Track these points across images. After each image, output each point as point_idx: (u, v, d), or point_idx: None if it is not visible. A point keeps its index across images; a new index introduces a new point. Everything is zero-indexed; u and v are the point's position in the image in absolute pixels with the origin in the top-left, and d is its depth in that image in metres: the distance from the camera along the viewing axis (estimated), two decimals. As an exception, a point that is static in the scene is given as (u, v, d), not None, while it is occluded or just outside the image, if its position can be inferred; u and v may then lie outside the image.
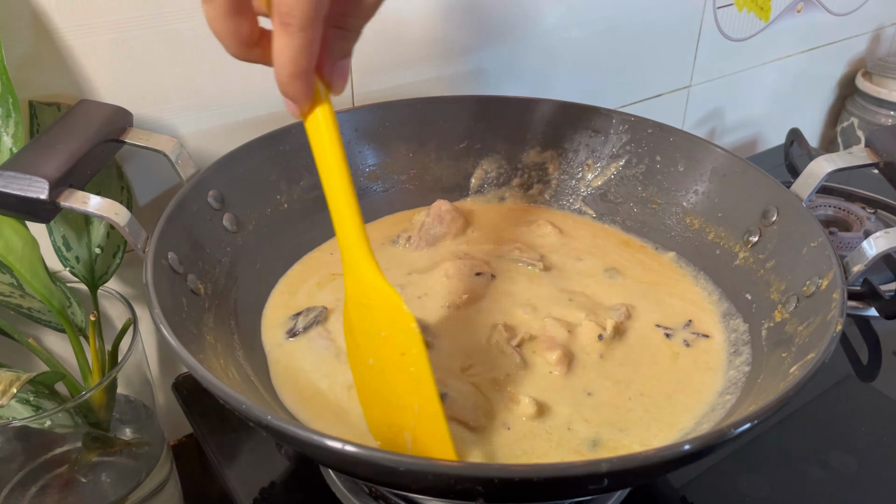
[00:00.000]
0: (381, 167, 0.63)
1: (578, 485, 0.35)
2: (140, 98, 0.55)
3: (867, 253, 0.46)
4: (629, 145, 0.62)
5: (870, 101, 1.08)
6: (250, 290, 0.53)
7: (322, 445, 0.33)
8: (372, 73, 0.66)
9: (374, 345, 0.42)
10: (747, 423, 0.34)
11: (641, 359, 0.50)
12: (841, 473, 0.54)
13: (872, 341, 0.67)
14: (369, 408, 0.44)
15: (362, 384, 0.45)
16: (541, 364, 0.48)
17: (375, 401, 0.44)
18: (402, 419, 0.42)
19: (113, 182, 0.54)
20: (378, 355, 0.42)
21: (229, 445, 0.55)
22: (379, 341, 0.42)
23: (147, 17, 0.53)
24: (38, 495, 0.51)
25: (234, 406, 0.35)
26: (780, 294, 0.50)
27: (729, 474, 0.53)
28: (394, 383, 0.41)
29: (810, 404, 0.59)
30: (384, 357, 0.42)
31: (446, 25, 0.68)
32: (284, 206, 0.58)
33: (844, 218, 0.80)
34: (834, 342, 0.40)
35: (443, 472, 0.32)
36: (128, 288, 0.60)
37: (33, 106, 0.50)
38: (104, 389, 0.50)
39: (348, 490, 0.50)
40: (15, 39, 0.48)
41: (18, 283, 0.50)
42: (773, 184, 0.53)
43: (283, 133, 0.57)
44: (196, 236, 0.50)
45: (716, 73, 0.95)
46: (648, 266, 0.59)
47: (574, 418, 0.45)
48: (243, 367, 0.47)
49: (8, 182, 0.42)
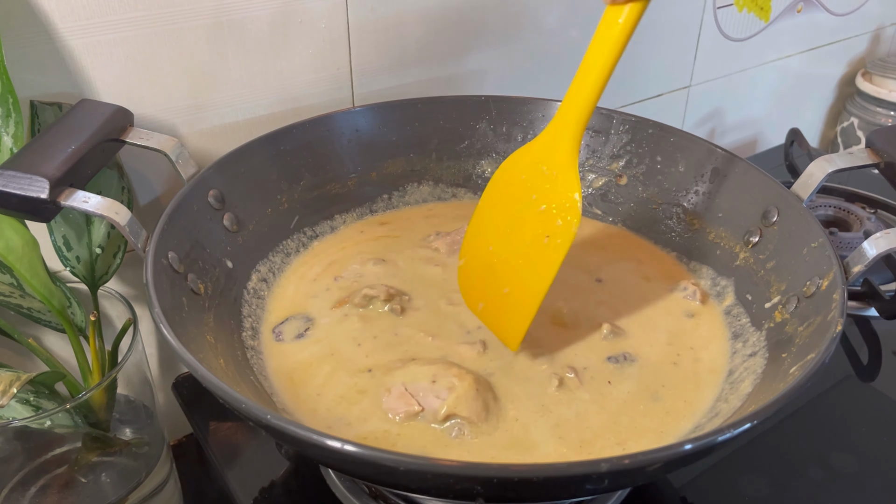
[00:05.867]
0: (381, 167, 0.63)
1: (578, 485, 0.35)
2: (140, 98, 0.55)
3: (867, 253, 0.46)
4: (630, 145, 0.62)
5: (870, 101, 1.08)
6: (250, 289, 0.53)
7: (322, 445, 0.33)
8: (372, 73, 0.66)
9: (524, 211, 0.44)
10: (747, 424, 0.34)
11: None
12: (841, 473, 0.54)
13: (872, 341, 0.67)
14: (466, 267, 0.47)
15: (476, 238, 0.47)
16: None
17: (476, 264, 0.47)
18: (495, 287, 0.44)
19: (113, 181, 0.54)
20: (519, 223, 0.44)
21: (229, 445, 0.55)
22: (531, 211, 0.43)
23: (147, 17, 0.53)
24: (38, 495, 0.51)
25: (234, 406, 0.35)
26: (780, 294, 0.50)
27: (729, 474, 0.53)
28: (516, 253, 0.43)
29: (810, 404, 0.59)
30: (526, 227, 0.44)
31: (446, 26, 0.68)
32: (285, 205, 0.58)
33: (844, 218, 0.80)
34: (834, 343, 0.40)
35: (442, 472, 0.32)
36: (128, 288, 0.60)
37: (34, 106, 0.50)
38: (104, 389, 0.50)
39: (348, 490, 0.50)
40: (15, 39, 0.48)
41: (18, 283, 0.50)
42: (774, 184, 0.53)
43: (284, 133, 0.57)
44: (196, 236, 0.50)
45: (716, 73, 0.95)
46: (648, 266, 0.59)
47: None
48: (243, 367, 0.47)
49: (8, 181, 0.42)
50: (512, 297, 0.45)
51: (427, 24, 0.67)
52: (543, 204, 0.43)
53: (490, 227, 0.47)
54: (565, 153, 0.43)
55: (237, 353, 0.48)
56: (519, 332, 0.45)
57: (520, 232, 0.44)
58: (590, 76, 0.41)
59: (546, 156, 0.44)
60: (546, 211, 0.43)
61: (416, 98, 0.64)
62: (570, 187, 0.43)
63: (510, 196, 0.46)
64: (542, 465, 0.33)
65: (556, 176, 0.43)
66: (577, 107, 0.43)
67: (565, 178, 0.43)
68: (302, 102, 0.63)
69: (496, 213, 0.47)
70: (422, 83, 0.69)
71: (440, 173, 0.65)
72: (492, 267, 0.46)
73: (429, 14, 0.67)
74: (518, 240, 0.44)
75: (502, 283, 0.45)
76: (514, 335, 0.45)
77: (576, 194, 0.42)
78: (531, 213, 0.44)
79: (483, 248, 0.47)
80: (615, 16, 0.39)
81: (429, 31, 0.67)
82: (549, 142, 0.45)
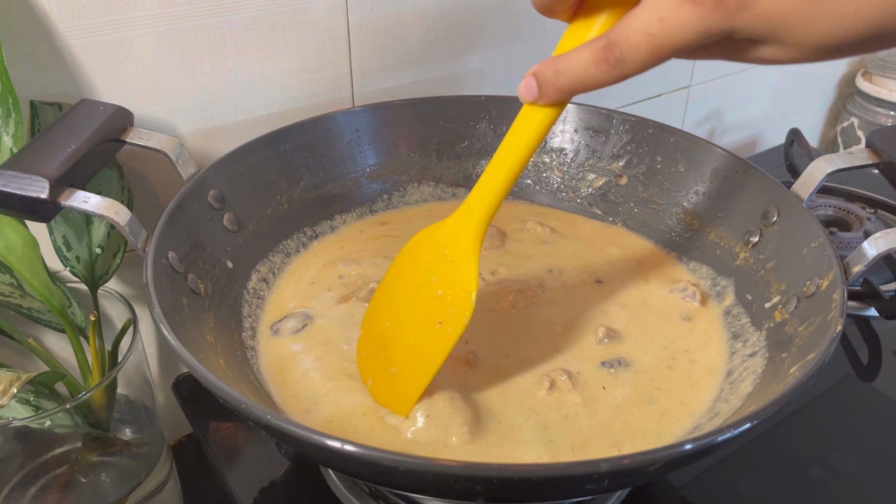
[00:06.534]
0: (381, 167, 0.63)
1: (578, 485, 0.35)
2: (140, 98, 0.55)
3: (867, 253, 0.46)
4: (630, 145, 0.62)
5: (870, 101, 1.08)
6: (250, 290, 0.53)
7: (322, 445, 0.33)
8: (372, 73, 0.66)
9: (421, 292, 0.43)
10: (747, 424, 0.34)
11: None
12: (841, 473, 0.54)
13: (872, 341, 0.67)
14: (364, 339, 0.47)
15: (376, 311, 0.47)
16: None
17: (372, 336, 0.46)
18: (384, 365, 0.43)
19: (113, 181, 0.54)
20: (415, 303, 0.43)
21: (229, 445, 0.55)
22: (428, 293, 0.43)
23: (147, 17, 0.53)
24: (38, 495, 0.51)
25: (234, 406, 0.35)
26: (780, 294, 0.50)
27: (729, 474, 0.53)
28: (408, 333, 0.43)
29: (810, 404, 0.59)
30: (419, 309, 0.43)
31: (446, 26, 0.68)
32: (285, 205, 0.58)
33: (844, 218, 0.80)
34: (834, 343, 0.40)
35: (442, 472, 0.32)
36: (128, 288, 0.60)
37: (34, 105, 0.50)
38: (104, 389, 0.50)
39: (348, 490, 0.50)
40: (15, 39, 0.48)
41: (18, 283, 0.50)
42: (774, 184, 0.53)
43: (284, 133, 0.57)
44: (196, 236, 0.50)
45: (716, 73, 0.95)
46: (648, 267, 0.59)
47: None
48: (243, 367, 0.47)
49: (8, 181, 0.42)
50: (399, 377, 0.43)
51: (427, 24, 0.67)
52: (440, 289, 0.42)
53: (389, 302, 0.46)
54: (468, 243, 0.42)
55: (237, 353, 0.48)
56: (405, 405, 0.43)
57: (414, 312, 0.43)
58: (501, 170, 0.40)
59: (449, 241, 0.43)
60: (442, 297, 0.42)
61: (416, 98, 0.64)
62: (467, 279, 0.41)
63: (413, 272, 0.45)
64: (543, 465, 0.33)
65: (457, 263, 0.42)
66: (485, 200, 0.42)
67: (465, 269, 0.42)
68: (302, 102, 0.63)
69: (397, 288, 0.46)
70: (422, 83, 0.69)
71: (440, 173, 0.65)
72: (385, 342, 0.44)
73: (429, 14, 0.67)
74: (412, 320, 0.43)
75: (392, 361, 0.44)
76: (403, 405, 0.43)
77: (472, 291, 0.41)
78: (428, 295, 0.43)
79: (380, 321, 0.46)
80: (531, 113, 0.38)
81: (429, 31, 0.67)
82: (454, 227, 0.43)
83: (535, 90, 0.37)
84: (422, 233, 0.45)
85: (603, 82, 0.34)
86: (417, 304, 0.43)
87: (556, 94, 0.36)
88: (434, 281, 0.43)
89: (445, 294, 0.42)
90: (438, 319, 0.41)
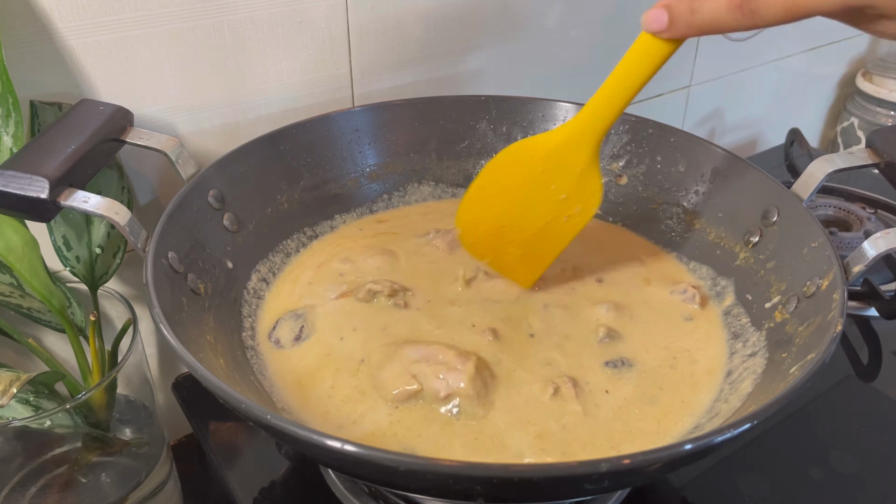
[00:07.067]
0: (381, 167, 0.63)
1: (578, 485, 0.35)
2: (140, 98, 0.55)
3: (867, 253, 0.46)
4: (630, 145, 0.62)
5: (870, 101, 1.08)
6: (250, 290, 0.53)
7: (322, 445, 0.33)
8: (372, 73, 0.66)
9: (542, 195, 0.50)
10: (747, 424, 0.34)
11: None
12: (841, 473, 0.54)
13: (872, 341, 0.67)
14: (470, 230, 0.55)
15: (475, 210, 0.54)
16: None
17: (481, 230, 0.54)
18: (504, 249, 0.53)
19: (113, 181, 0.54)
20: (537, 206, 0.51)
21: (229, 445, 0.55)
22: (552, 198, 0.50)
23: (147, 17, 0.53)
24: (38, 495, 0.51)
25: (234, 406, 0.35)
26: (780, 294, 0.50)
27: (729, 474, 0.53)
28: (532, 226, 0.51)
29: (810, 404, 0.59)
30: (542, 209, 0.50)
31: (446, 26, 0.68)
32: (285, 205, 0.58)
33: (845, 218, 0.80)
34: (834, 343, 0.40)
35: (442, 472, 0.32)
36: (128, 288, 0.60)
37: (34, 106, 0.50)
38: (104, 389, 0.50)
39: (348, 490, 0.50)
40: (15, 39, 0.48)
41: (18, 283, 0.50)
42: (774, 184, 0.53)
43: (284, 133, 0.57)
44: (196, 236, 0.50)
45: (716, 73, 0.95)
46: (648, 267, 0.59)
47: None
48: (243, 367, 0.47)
49: (8, 181, 0.42)
50: (527, 258, 0.53)
51: (427, 24, 0.67)
52: (564, 194, 0.49)
53: (499, 205, 0.52)
54: (588, 156, 0.48)
55: (237, 353, 0.48)
56: (533, 275, 0.53)
57: (537, 212, 0.51)
58: (617, 93, 0.45)
59: (568, 153, 0.49)
60: (567, 199, 0.50)
61: (416, 98, 0.64)
62: (594, 183, 0.49)
63: (525, 182, 0.51)
64: (543, 465, 0.33)
65: (581, 173, 0.49)
66: (602, 119, 0.46)
67: (591, 178, 0.49)
68: (302, 102, 0.63)
69: (509, 195, 0.52)
70: (422, 83, 0.69)
71: (440, 173, 0.65)
72: (502, 233, 0.53)
73: (429, 14, 0.67)
74: (536, 217, 0.51)
75: (516, 246, 0.53)
76: (528, 277, 0.53)
77: (599, 192, 0.49)
78: (552, 199, 0.50)
79: (489, 219, 0.53)
80: (650, 44, 0.42)
81: (429, 31, 0.67)
82: (569, 142, 0.48)
83: (665, 22, 0.38)
84: (520, 148, 0.51)
85: (733, 28, 0.35)
86: (540, 207, 0.51)
87: (686, 30, 0.38)
88: (555, 188, 0.50)
89: (570, 197, 0.49)
90: (566, 215, 0.50)
